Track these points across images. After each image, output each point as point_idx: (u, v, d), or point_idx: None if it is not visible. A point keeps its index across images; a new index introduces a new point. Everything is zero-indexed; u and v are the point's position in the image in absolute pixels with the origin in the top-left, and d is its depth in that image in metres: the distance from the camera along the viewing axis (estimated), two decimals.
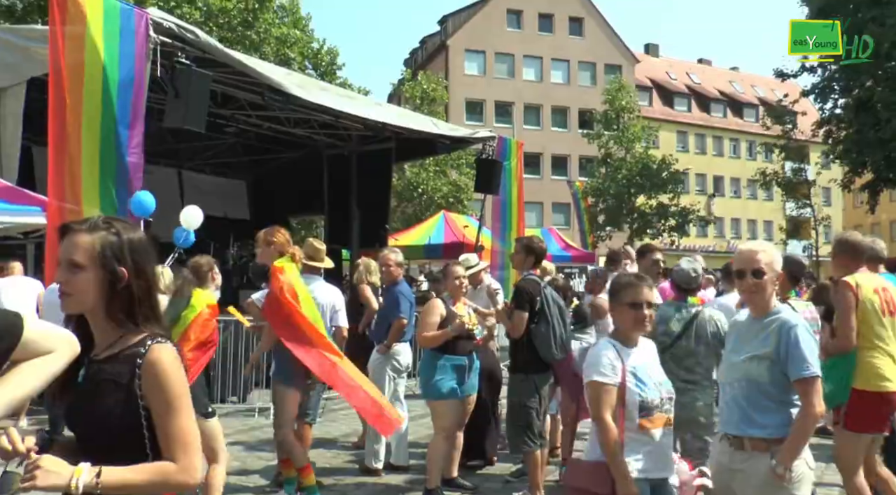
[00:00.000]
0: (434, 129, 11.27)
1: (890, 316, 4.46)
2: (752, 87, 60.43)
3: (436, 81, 33.95)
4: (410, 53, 58.63)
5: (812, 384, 2.95)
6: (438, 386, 5.49)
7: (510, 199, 11.79)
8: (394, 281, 6.65)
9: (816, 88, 29.34)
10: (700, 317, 4.69)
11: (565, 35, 50.69)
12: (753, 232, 56.86)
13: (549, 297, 5.42)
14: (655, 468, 3.09)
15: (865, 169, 28.10)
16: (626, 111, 34.51)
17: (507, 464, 6.50)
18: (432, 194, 30.79)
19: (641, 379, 3.10)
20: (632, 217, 33.68)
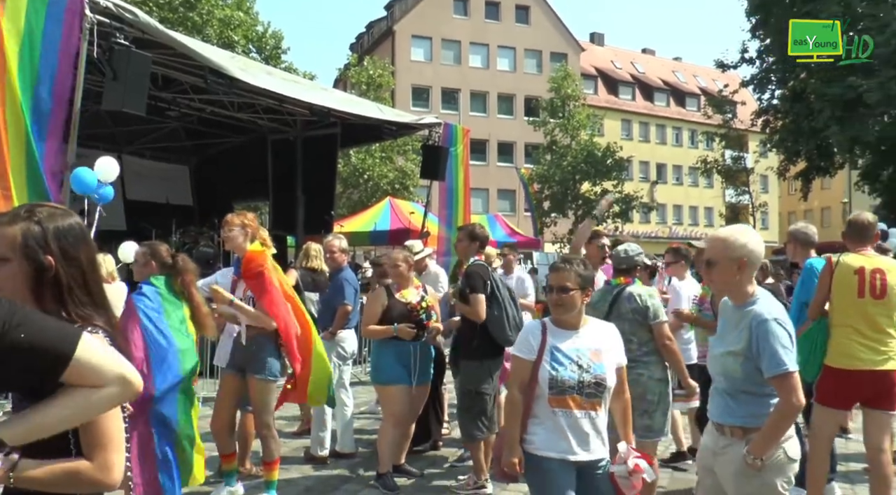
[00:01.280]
0: (380, 115, 11.21)
1: (872, 298, 4.54)
2: (694, 77, 61.60)
3: (382, 67, 33.70)
4: (356, 38, 58.13)
5: (786, 380, 2.92)
6: (386, 372, 5.50)
7: (456, 186, 11.79)
8: (338, 267, 6.62)
9: (755, 79, 30.10)
10: (620, 295, 4.72)
11: (512, 23, 50.84)
12: (695, 218, 58.19)
13: (498, 280, 5.48)
14: (566, 447, 3.16)
15: (800, 158, 28.97)
16: (571, 99, 34.85)
17: (453, 449, 6.56)
18: (378, 180, 30.64)
19: (559, 359, 3.19)
20: (576, 203, 34.09)
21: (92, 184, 7.44)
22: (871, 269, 4.57)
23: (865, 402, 4.65)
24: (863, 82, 22.41)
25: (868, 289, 4.54)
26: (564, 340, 3.25)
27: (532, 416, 3.23)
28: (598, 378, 3.19)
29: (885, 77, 22.02)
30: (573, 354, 3.21)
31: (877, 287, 4.53)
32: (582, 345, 3.25)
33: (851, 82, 22.81)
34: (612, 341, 3.37)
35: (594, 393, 3.18)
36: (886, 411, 4.63)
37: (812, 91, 25.57)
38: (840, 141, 24.77)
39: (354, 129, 12.27)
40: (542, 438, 3.21)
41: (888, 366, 4.50)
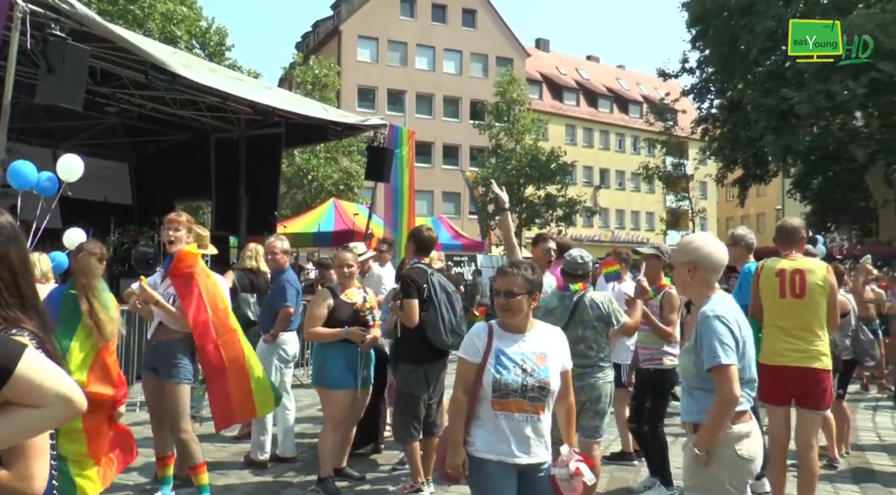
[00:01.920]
0: (325, 115, 11.10)
1: (793, 297, 4.76)
2: (637, 85, 62.78)
3: (328, 67, 33.46)
4: (302, 37, 57.56)
5: (720, 372, 2.98)
6: (331, 375, 5.43)
7: (401, 188, 11.76)
8: (280, 268, 6.53)
9: (695, 89, 30.90)
10: (581, 302, 4.80)
11: (458, 26, 51.04)
12: (636, 223, 59.28)
13: (436, 284, 5.39)
14: (507, 450, 3.18)
15: (737, 165, 29.79)
16: (516, 103, 35.16)
17: (395, 452, 6.53)
18: (322, 181, 30.39)
19: (504, 363, 3.20)
20: (521, 207, 34.37)
21: (31, 177, 7.19)
22: (792, 271, 4.80)
23: (798, 400, 4.82)
24: (794, 95, 23.19)
25: (788, 289, 4.78)
26: (510, 344, 3.26)
27: (475, 419, 3.24)
28: (542, 382, 3.20)
29: (814, 90, 22.83)
30: (518, 358, 3.21)
31: (796, 287, 4.76)
32: (528, 349, 3.26)
33: (784, 94, 23.60)
34: (558, 345, 3.38)
35: (537, 397, 3.19)
36: (815, 410, 4.81)
37: (748, 101, 26.38)
38: (774, 150, 25.58)
39: (299, 129, 12.14)
40: (483, 440, 3.21)
41: (815, 364, 4.69)
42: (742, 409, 3.06)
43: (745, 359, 3.08)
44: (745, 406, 3.07)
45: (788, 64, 25.34)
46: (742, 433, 3.05)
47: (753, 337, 4.74)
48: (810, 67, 22.96)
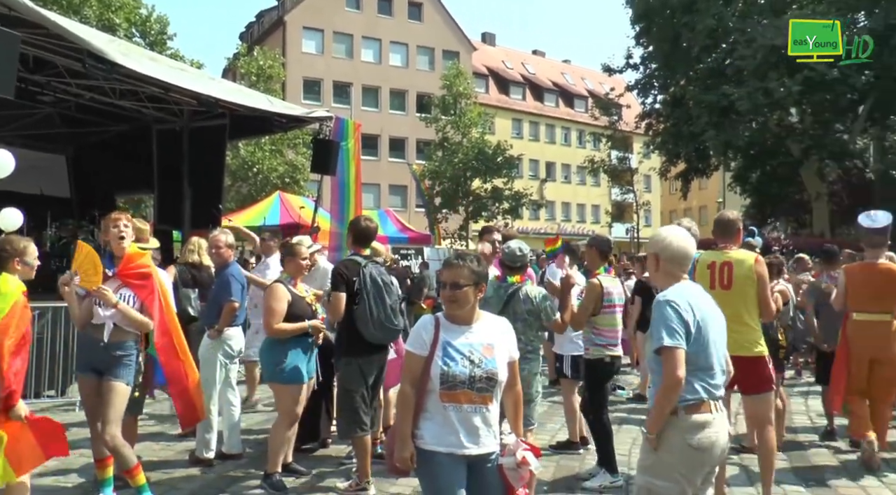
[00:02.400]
0: (270, 107, 10.92)
1: (721, 289, 4.89)
2: (582, 80, 63.51)
3: (272, 58, 32.95)
4: (246, 27, 56.63)
5: (663, 354, 3.06)
6: (289, 370, 5.38)
7: (347, 181, 11.65)
8: (224, 263, 6.40)
9: (639, 84, 31.43)
10: (516, 295, 4.85)
11: (404, 19, 50.87)
12: (582, 215, 60.07)
13: (367, 277, 5.28)
14: (456, 442, 3.19)
15: (679, 159, 30.43)
16: (463, 97, 35.20)
17: (342, 446, 6.48)
18: (268, 174, 29.97)
19: (451, 354, 3.20)
20: (467, 200, 34.48)
21: None
22: (721, 263, 4.99)
23: (740, 388, 4.99)
24: (734, 91, 23.79)
25: (717, 281, 4.95)
26: (457, 336, 3.27)
27: (423, 411, 3.24)
28: (490, 372, 3.21)
29: (753, 88, 23.45)
30: (465, 349, 3.22)
31: (724, 279, 4.94)
32: (475, 341, 3.27)
33: (725, 91, 24.20)
34: (505, 336, 3.40)
35: (485, 387, 3.20)
36: (757, 394, 4.98)
37: (690, 97, 26.96)
38: (715, 145, 26.20)
39: (244, 121, 11.91)
40: (431, 433, 3.21)
41: (748, 352, 4.83)
42: (698, 399, 3.09)
43: (700, 345, 3.11)
44: (701, 395, 3.09)
45: (728, 61, 25.99)
46: (695, 423, 3.08)
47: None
48: (748, 65, 23.59)
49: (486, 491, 3.27)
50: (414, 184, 35.17)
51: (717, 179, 42.10)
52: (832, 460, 6.44)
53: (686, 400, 3.08)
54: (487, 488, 3.26)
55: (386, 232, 19.33)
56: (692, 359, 3.07)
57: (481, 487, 3.26)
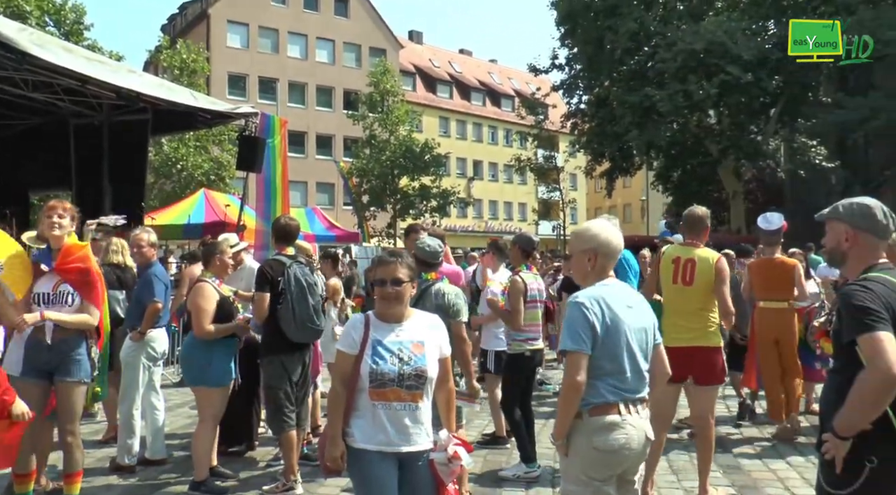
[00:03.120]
0: (193, 102, 10.65)
1: (682, 284, 5.12)
2: (508, 79, 64.16)
3: (196, 52, 32.11)
4: (169, 19, 55.18)
5: (566, 357, 3.05)
6: (217, 373, 5.31)
7: (274, 178, 11.49)
8: (147, 262, 6.24)
9: (564, 84, 31.94)
10: (428, 291, 4.83)
11: (331, 15, 50.40)
12: (509, 213, 60.71)
13: (291, 277, 5.30)
14: (386, 440, 3.20)
15: (604, 158, 31.09)
16: (390, 95, 35.10)
17: (270, 448, 6.41)
18: (192, 171, 29.23)
19: (380, 353, 3.21)
20: (395, 198, 34.42)
21: None
22: (686, 259, 5.16)
23: (694, 378, 5.14)
24: (656, 93, 24.50)
25: (680, 276, 5.14)
26: (387, 334, 3.28)
27: (354, 410, 3.24)
28: (419, 370, 3.22)
29: (673, 90, 24.21)
30: (395, 347, 3.23)
31: (687, 275, 5.12)
32: (405, 338, 3.28)
33: (647, 92, 24.88)
34: (436, 332, 3.41)
35: (415, 385, 3.22)
36: (710, 385, 5.20)
37: (614, 98, 27.59)
38: (638, 144, 26.91)
39: (167, 116, 11.59)
40: (362, 431, 3.22)
41: (705, 343, 5.09)
42: (603, 401, 3.02)
43: (607, 349, 3.03)
44: (607, 398, 3.03)
45: (650, 64, 26.71)
46: (600, 425, 3.02)
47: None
48: (669, 68, 24.29)
49: (417, 488, 3.28)
50: (341, 181, 34.87)
51: (640, 178, 43.28)
52: (747, 447, 6.73)
53: (590, 402, 3.02)
54: (418, 485, 3.28)
55: (313, 230, 19.12)
56: (598, 363, 3.01)
57: (412, 484, 3.27)
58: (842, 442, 2.60)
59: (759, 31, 26.20)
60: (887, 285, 2.69)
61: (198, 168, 29.32)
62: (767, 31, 26.48)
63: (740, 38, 23.65)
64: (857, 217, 2.85)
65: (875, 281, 2.70)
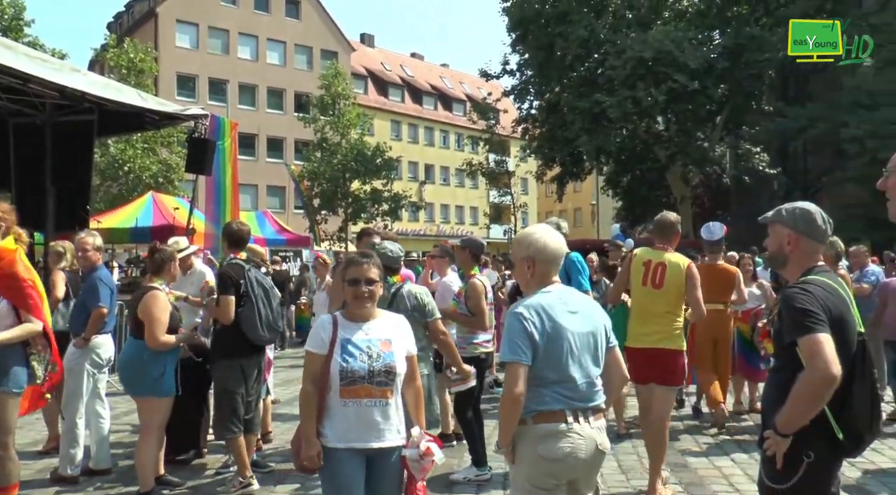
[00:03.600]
0: (141, 103, 10.45)
1: (652, 287, 5.27)
2: (460, 84, 64.40)
3: (144, 51, 31.44)
4: (115, 17, 54.01)
5: (505, 368, 3.00)
6: (167, 383, 5.22)
7: (224, 181, 11.36)
8: (92, 267, 6.09)
9: (515, 90, 32.18)
10: (400, 293, 4.90)
11: (282, 16, 49.95)
12: (461, 217, 60.90)
13: (253, 280, 5.40)
14: (356, 437, 3.26)
15: (555, 163, 31.44)
16: (341, 98, 34.89)
17: (220, 455, 6.31)
18: (140, 173, 28.58)
19: (350, 351, 3.28)
20: (346, 201, 34.22)
21: None
22: (656, 263, 5.32)
23: (655, 379, 5.32)
24: (606, 99, 24.89)
25: (650, 279, 5.30)
26: (355, 332, 3.35)
27: (325, 410, 3.30)
28: (388, 366, 3.29)
29: (622, 96, 24.64)
30: (364, 345, 3.31)
31: (656, 278, 5.28)
32: (373, 336, 3.36)
33: (597, 98, 25.25)
34: (402, 331, 3.50)
35: (384, 381, 3.29)
36: (669, 387, 5.38)
37: (565, 104, 27.91)
38: (588, 150, 27.27)
39: (113, 117, 11.34)
40: (333, 430, 3.28)
41: (663, 344, 5.26)
42: (547, 409, 2.98)
43: (550, 358, 2.98)
44: (551, 405, 2.98)
45: (600, 71, 27.11)
46: (544, 432, 2.98)
47: (618, 320, 5.36)
48: (618, 75, 24.70)
49: (384, 484, 3.36)
50: (292, 185, 34.54)
51: (590, 182, 43.84)
52: (692, 445, 6.90)
53: (534, 409, 2.98)
54: (385, 481, 3.36)
55: (264, 234, 18.91)
56: (541, 373, 2.97)
57: (378, 480, 3.35)
58: (783, 439, 2.69)
59: (705, 40, 26.85)
60: (826, 288, 2.78)
61: (146, 170, 28.70)
62: (713, 41, 27.19)
63: (687, 47, 24.21)
64: (799, 221, 2.95)
65: (814, 283, 2.79)
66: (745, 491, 5.45)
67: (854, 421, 2.68)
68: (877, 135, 19.52)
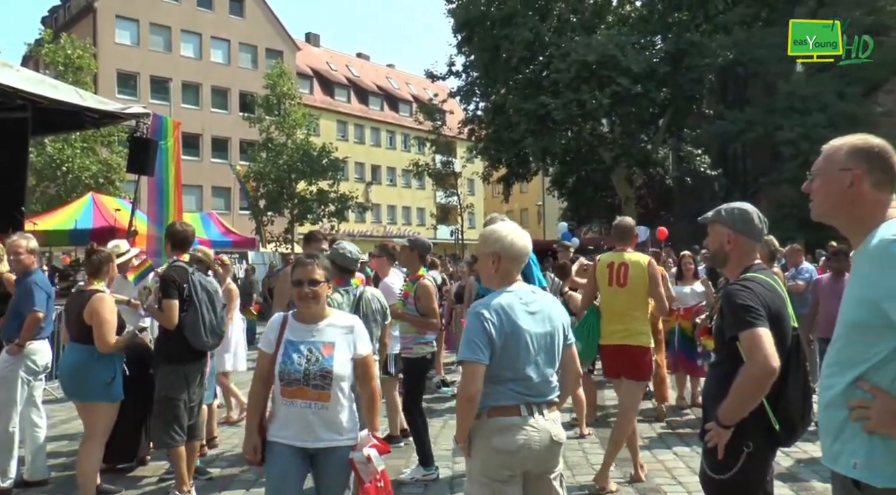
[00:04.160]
0: (79, 101, 10.16)
1: (618, 286, 5.58)
2: (406, 85, 64.36)
3: (82, 47, 30.58)
4: (50, 11, 52.47)
5: (462, 366, 3.03)
6: (118, 388, 5.12)
7: (167, 182, 11.11)
8: (26, 270, 5.90)
9: (461, 91, 32.30)
10: (364, 296, 4.95)
11: (226, 14, 49.17)
12: (408, 218, 60.87)
13: (197, 284, 5.24)
14: (291, 435, 3.36)
15: (501, 164, 31.67)
16: (287, 97, 34.55)
17: (162, 463, 6.18)
18: (79, 173, 27.79)
19: (289, 353, 3.35)
20: (292, 202, 33.90)
21: None
22: (619, 264, 5.63)
23: (624, 373, 5.66)
24: (551, 101, 25.19)
25: (615, 279, 5.61)
26: (301, 334, 3.41)
27: (273, 406, 3.45)
28: (324, 370, 3.31)
29: (567, 99, 24.97)
30: (305, 348, 3.35)
31: (621, 277, 5.59)
32: (318, 339, 3.39)
33: (542, 101, 25.54)
34: (353, 334, 3.48)
35: (320, 384, 3.31)
36: (637, 381, 5.66)
37: (511, 106, 28.16)
38: (534, 151, 27.54)
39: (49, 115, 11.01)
40: (274, 425, 3.42)
41: (630, 341, 5.56)
42: (501, 404, 3.02)
43: (507, 357, 3.01)
44: (506, 401, 3.02)
45: (545, 73, 27.41)
46: (498, 426, 3.02)
47: (591, 321, 5.67)
48: (563, 78, 25.01)
49: (326, 483, 3.43)
50: (238, 185, 34.06)
51: (536, 183, 44.23)
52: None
53: (488, 405, 3.01)
54: (328, 481, 3.42)
55: (209, 235, 18.60)
56: (498, 371, 3.00)
57: (322, 478, 3.43)
58: (724, 431, 2.82)
59: (648, 45, 27.40)
60: (764, 285, 2.93)
61: (85, 170, 27.94)
62: (655, 46, 27.77)
63: (630, 51, 24.67)
64: (738, 221, 3.08)
65: (754, 281, 2.93)
66: (687, 483, 5.60)
67: (789, 412, 2.82)
68: (809, 138, 20.20)
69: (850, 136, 2.26)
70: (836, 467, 2.13)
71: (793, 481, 5.64)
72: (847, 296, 2.15)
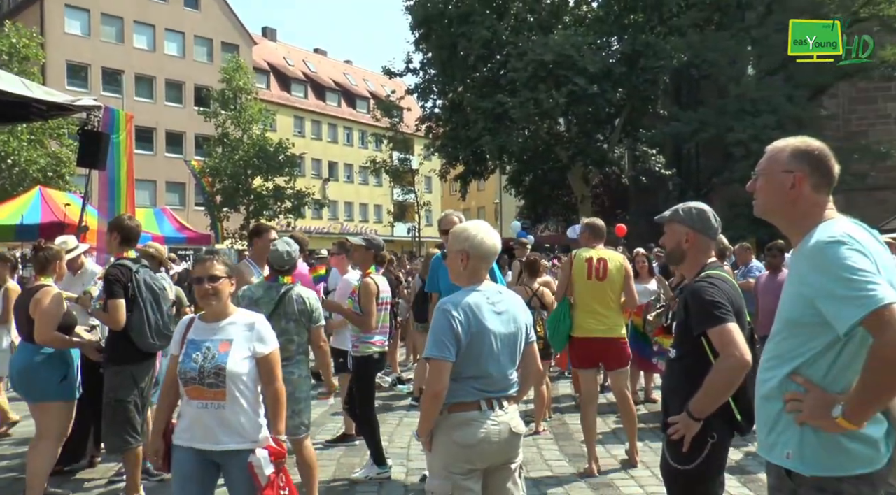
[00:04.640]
0: (26, 92, 9.87)
1: (597, 279, 5.94)
2: (364, 81, 64.07)
3: (28, 36, 29.75)
4: None
5: (429, 364, 3.06)
6: (72, 385, 5.03)
7: (119, 176, 10.91)
8: None
9: (419, 88, 32.26)
10: (288, 295, 4.80)
11: (180, 6, 48.28)
12: (365, 215, 60.63)
13: (141, 282, 5.03)
14: (193, 437, 3.34)
15: (458, 162, 31.73)
16: (243, 92, 34.12)
17: (111, 464, 6.06)
18: (26, 167, 27.07)
19: (189, 352, 3.36)
20: (248, 198, 33.53)
21: None
22: (597, 259, 6.02)
23: (604, 364, 6.18)
24: (508, 100, 25.34)
25: (594, 273, 5.96)
26: (202, 333, 3.40)
27: (180, 408, 3.44)
28: (217, 368, 3.28)
29: (524, 98, 25.15)
30: (202, 346, 3.34)
31: (600, 271, 5.97)
32: (217, 337, 3.37)
33: (500, 99, 25.68)
34: (255, 331, 3.43)
35: (215, 383, 3.27)
36: (619, 369, 6.14)
37: (468, 104, 28.22)
38: (491, 149, 27.67)
39: None
40: (179, 428, 3.40)
41: (611, 333, 5.99)
42: (464, 400, 3.07)
43: (471, 355, 3.05)
44: (466, 397, 3.07)
45: (503, 72, 27.55)
46: (459, 420, 3.07)
47: (562, 315, 6.00)
48: (520, 77, 25.17)
49: (232, 487, 3.40)
50: (193, 181, 33.54)
51: (494, 181, 44.40)
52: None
53: (448, 401, 3.06)
54: (231, 485, 3.41)
55: (163, 231, 18.26)
56: (461, 369, 3.04)
57: (229, 483, 3.42)
58: (694, 423, 2.92)
59: (604, 46, 27.71)
60: (726, 282, 3.07)
61: (32, 164, 27.20)
62: (611, 47, 28.12)
63: (586, 51, 24.91)
64: (696, 220, 3.18)
65: (717, 278, 3.06)
66: (639, 477, 5.72)
67: (748, 403, 2.90)
68: (758, 139, 20.68)
69: (791, 138, 2.36)
70: (770, 457, 2.23)
71: (741, 473, 5.80)
72: (785, 293, 2.25)
